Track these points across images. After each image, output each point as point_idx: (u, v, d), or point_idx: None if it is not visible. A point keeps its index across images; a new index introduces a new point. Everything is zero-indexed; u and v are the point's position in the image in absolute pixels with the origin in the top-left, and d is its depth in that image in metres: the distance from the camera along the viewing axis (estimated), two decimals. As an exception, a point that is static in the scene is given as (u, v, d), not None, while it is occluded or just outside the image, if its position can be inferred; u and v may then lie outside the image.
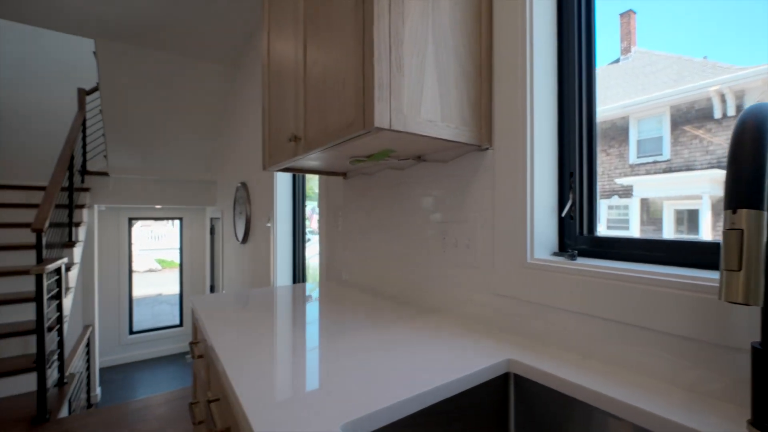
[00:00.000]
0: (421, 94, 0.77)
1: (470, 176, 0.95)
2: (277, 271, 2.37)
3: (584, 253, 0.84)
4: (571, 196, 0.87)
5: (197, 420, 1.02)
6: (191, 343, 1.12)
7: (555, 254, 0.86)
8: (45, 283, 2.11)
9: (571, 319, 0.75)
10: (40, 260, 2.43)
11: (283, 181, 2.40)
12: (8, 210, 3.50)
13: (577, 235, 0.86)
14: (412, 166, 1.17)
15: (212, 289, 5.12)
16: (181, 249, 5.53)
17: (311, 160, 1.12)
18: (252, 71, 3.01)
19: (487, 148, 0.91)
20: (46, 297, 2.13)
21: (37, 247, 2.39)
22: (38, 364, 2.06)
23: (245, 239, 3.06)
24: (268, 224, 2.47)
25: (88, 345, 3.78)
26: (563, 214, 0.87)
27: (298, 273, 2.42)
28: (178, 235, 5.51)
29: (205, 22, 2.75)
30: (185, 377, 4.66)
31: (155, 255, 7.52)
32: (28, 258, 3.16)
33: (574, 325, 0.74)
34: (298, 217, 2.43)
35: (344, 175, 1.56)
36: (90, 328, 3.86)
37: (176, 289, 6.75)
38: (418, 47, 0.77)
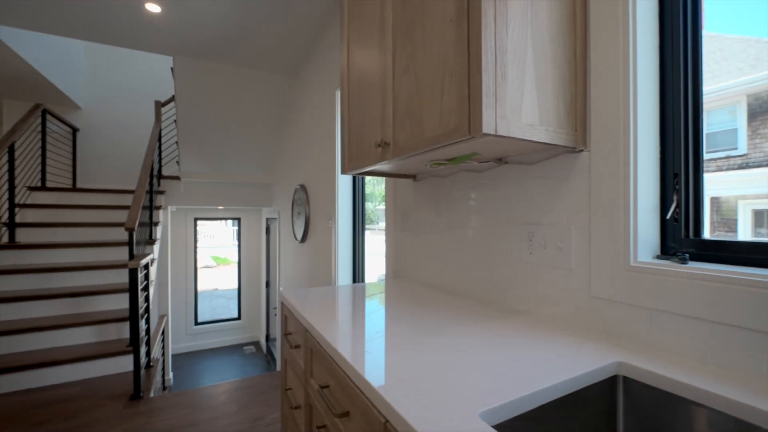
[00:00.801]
0: (521, 99, 0.79)
1: (562, 178, 0.95)
2: (338, 269, 2.47)
3: (691, 257, 0.81)
4: (675, 197, 0.84)
5: (294, 405, 1.12)
6: (286, 335, 1.22)
7: (659, 257, 0.84)
8: (139, 276, 2.37)
9: (684, 323, 0.73)
10: (132, 256, 2.73)
11: (344, 183, 2.50)
12: (98, 211, 3.95)
13: (682, 237, 0.83)
14: (491, 168, 1.19)
15: (268, 285, 5.42)
16: (239, 247, 5.90)
17: (389, 164, 1.17)
18: (309, 80, 3.16)
19: (582, 150, 0.91)
20: (140, 288, 2.39)
21: (129, 244, 2.69)
22: (134, 347, 2.32)
23: (304, 238, 3.21)
24: (330, 224, 2.59)
25: (163, 333, 4.16)
26: (668, 216, 0.84)
27: (358, 272, 2.50)
28: (236, 234, 5.89)
29: (269, 38, 2.94)
30: (245, 366, 4.98)
31: (210, 252, 8.11)
32: (115, 253, 3.55)
33: (688, 329, 0.72)
34: (357, 217, 2.52)
35: (414, 177, 1.61)
36: (165, 318, 4.25)
37: (230, 285, 7.22)
38: (519, 54, 0.79)
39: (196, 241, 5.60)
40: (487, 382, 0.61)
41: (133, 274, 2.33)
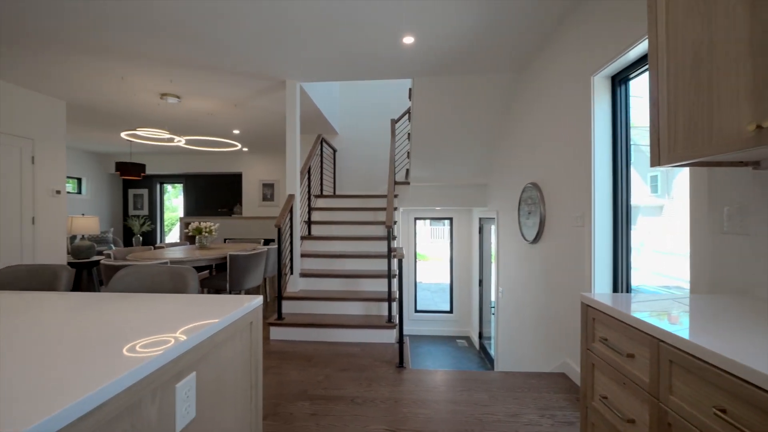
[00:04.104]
0: None
1: None
2: (595, 276, 2.23)
3: None
4: None
5: (626, 418, 1.04)
6: (600, 340, 1.16)
7: None
8: (403, 265, 2.85)
9: None
10: (389, 248, 3.32)
11: (601, 178, 2.24)
12: (349, 212, 5.04)
13: None
14: None
15: (481, 283, 5.55)
16: (451, 245, 6.32)
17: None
18: (544, 70, 3.00)
19: None
20: (397, 276, 2.88)
21: (388, 238, 3.28)
22: (399, 324, 2.80)
23: (537, 239, 3.08)
24: (581, 225, 2.37)
25: (396, 315, 4.91)
26: None
27: (621, 280, 2.18)
28: (449, 232, 6.33)
29: (498, 43, 2.97)
30: (460, 358, 5.28)
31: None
32: (367, 246, 4.42)
33: None
34: (620, 216, 2.20)
35: (756, 164, 1.24)
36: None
37: (431, 278, 7.78)
38: None
39: (415, 238, 6.37)
40: None
41: (399, 264, 2.82)
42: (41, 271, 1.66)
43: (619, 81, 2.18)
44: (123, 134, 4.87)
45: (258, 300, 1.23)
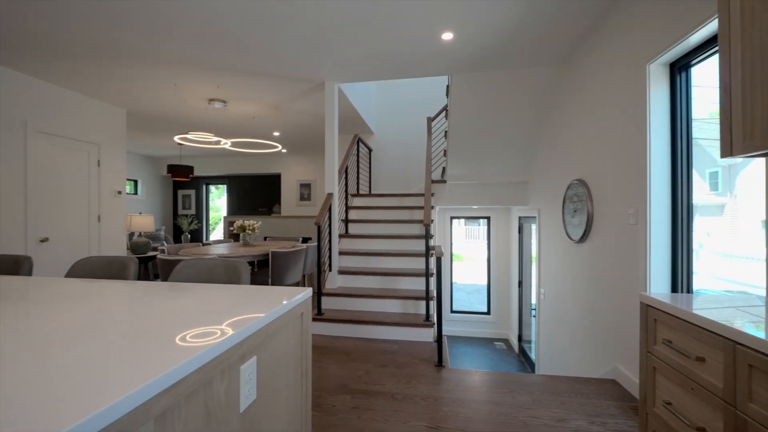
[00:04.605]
0: None
1: None
2: (651, 277, 2.09)
3: None
4: None
5: (696, 425, 0.97)
6: (666, 342, 1.09)
7: None
8: (441, 263, 2.83)
9: None
10: (427, 247, 3.31)
11: (658, 172, 2.10)
12: (385, 210, 5.06)
13: None
14: None
15: (521, 284, 5.38)
16: (488, 245, 6.17)
17: None
18: (585, 64, 2.87)
19: None
20: (435, 273, 2.86)
21: (426, 236, 3.26)
22: (438, 323, 2.79)
23: (583, 238, 2.94)
24: (634, 224, 2.23)
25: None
26: None
27: (681, 282, 2.03)
28: (485, 232, 6.19)
29: (540, 33, 2.86)
30: (498, 361, 5.15)
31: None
32: (402, 244, 4.42)
33: None
34: (680, 212, 2.05)
35: None
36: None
37: (465, 279, 7.63)
38: None
39: (451, 237, 6.29)
40: None
41: (438, 262, 2.80)
42: (112, 262, 1.83)
43: (679, 68, 2.03)
44: (176, 138, 5.22)
45: (308, 292, 1.27)
